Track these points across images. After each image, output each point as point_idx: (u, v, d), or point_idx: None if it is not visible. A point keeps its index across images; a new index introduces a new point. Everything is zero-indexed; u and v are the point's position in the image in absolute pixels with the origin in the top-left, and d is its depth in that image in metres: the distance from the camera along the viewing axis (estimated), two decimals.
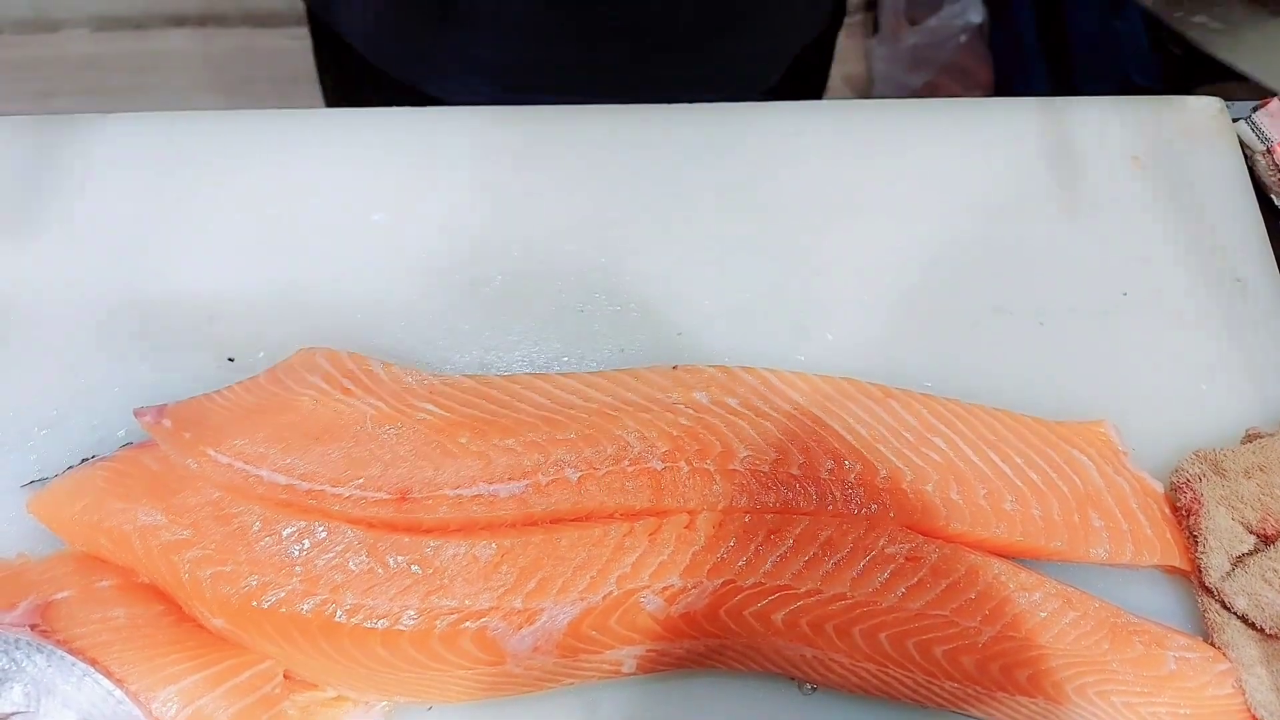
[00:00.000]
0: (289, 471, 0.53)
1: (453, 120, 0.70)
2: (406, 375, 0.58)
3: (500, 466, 0.54)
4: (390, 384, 0.57)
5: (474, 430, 0.55)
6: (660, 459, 0.55)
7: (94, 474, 0.55)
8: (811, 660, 0.53)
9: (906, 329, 0.64)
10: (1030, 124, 0.71)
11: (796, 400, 0.58)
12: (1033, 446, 0.59)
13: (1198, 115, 0.72)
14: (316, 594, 0.51)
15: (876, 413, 0.58)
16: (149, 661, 0.50)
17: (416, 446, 0.55)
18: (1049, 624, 0.54)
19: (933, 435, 0.58)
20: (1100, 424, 0.61)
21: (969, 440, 0.58)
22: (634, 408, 0.57)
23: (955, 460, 0.57)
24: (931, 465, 0.57)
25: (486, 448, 0.55)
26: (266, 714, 0.51)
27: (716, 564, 0.53)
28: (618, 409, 0.57)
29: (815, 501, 0.55)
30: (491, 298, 0.64)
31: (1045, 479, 0.58)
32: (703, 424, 0.56)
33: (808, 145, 0.70)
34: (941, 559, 0.54)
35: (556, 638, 0.51)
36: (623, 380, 0.59)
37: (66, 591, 0.52)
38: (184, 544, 0.52)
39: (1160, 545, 0.57)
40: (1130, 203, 0.68)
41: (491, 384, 0.58)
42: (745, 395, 0.58)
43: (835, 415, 0.58)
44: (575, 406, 0.57)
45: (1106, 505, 0.58)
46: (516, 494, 0.54)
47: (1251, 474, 0.56)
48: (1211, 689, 0.54)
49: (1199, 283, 0.65)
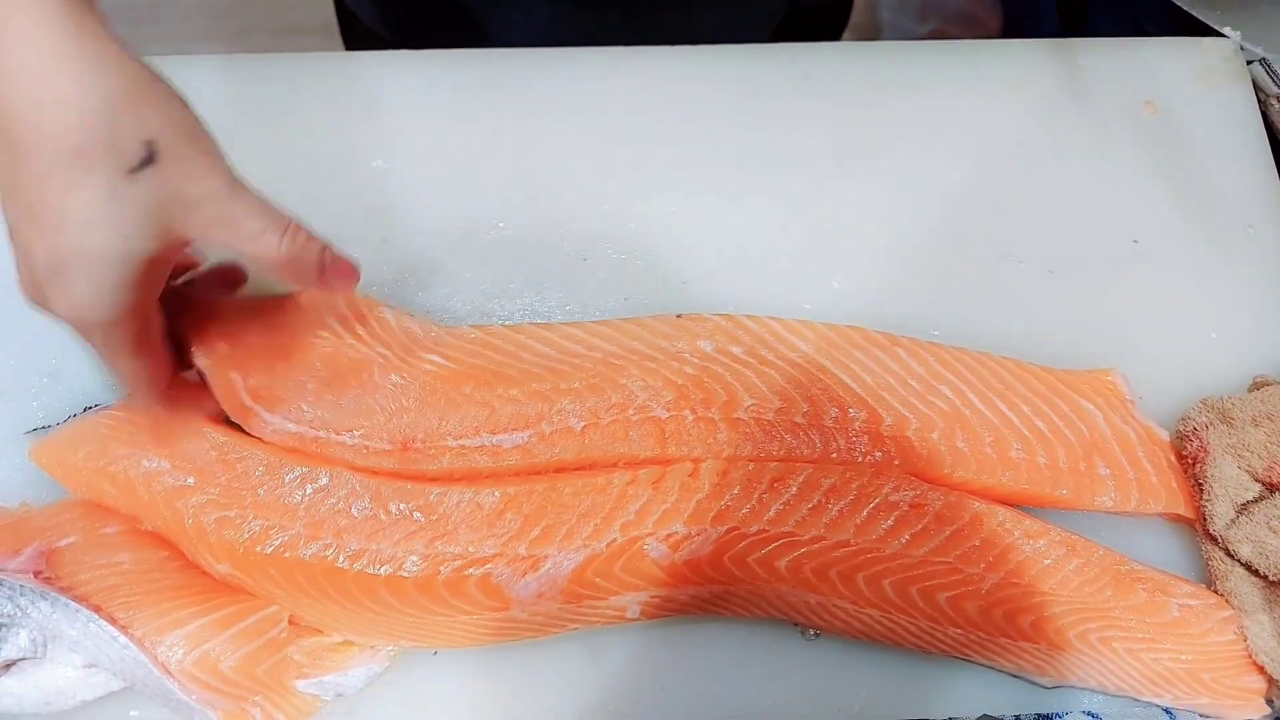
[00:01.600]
0: (299, 419, 0.53)
1: (454, 65, 0.69)
2: (414, 324, 0.58)
3: (504, 416, 0.54)
4: (398, 333, 0.57)
5: (478, 380, 0.55)
6: (665, 408, 0.55)
7: (97, 421, 0.55)
8: (815, 606, 0.53)
9: (914, 277, 0.64)
10: (1042, 67, 0.70)
11: (802, 349, 0.58)
12: (1040, 395, 0.59)
13: (1212, 58, 0.70)
14: (320, 539, 0.51)
15: (883, 360, 0.58)
16: (154, 607, 0.51)
17: (421, 396, 0.54)
18: (1052, 571, 0.54)
19: (939, 384, 0.58)
20: (1108, 372, 0.60)
21: (975, 388, 0.58)
22: (638, 356, 0.57)
23: (961, 408, 0.57)
24: (937, 413, 0.57)
25: (491, 397, 0.55)
26: (272, 658, 0.51)
27: (721, 511, 0.53)
28: (622, 358, 0.57)
29: (819, 450, 0.55)
30: (493, 245, 0.63)
31: (1052, 427, 0.58)
32: (708, 373, 0.56)
33: (816, 89, 0.68)
34: (946, 506, 0.54)
35: (561, 584, 0.51)
36: (627, 329, 0.58)
37: (71, 538, 0.52)
38: (188, 490, 0.52)
39: (1165, 493, 0.57)
40: (1142, 148, 0.67)
41: (496, 334, 0.58)
42: (750, 344, 0.58)
43: (841, 364, 0.58)
44: (579, 356, 0.57)
45: (1113, 453, 0.58)
46: (520, 444, 0.54)
47: (1259, 422, 0.56)
48: (1213, 635, 0.54)
49: (1210, 230, 0.64)
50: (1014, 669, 0.54)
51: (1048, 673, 0.54)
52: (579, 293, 0.62)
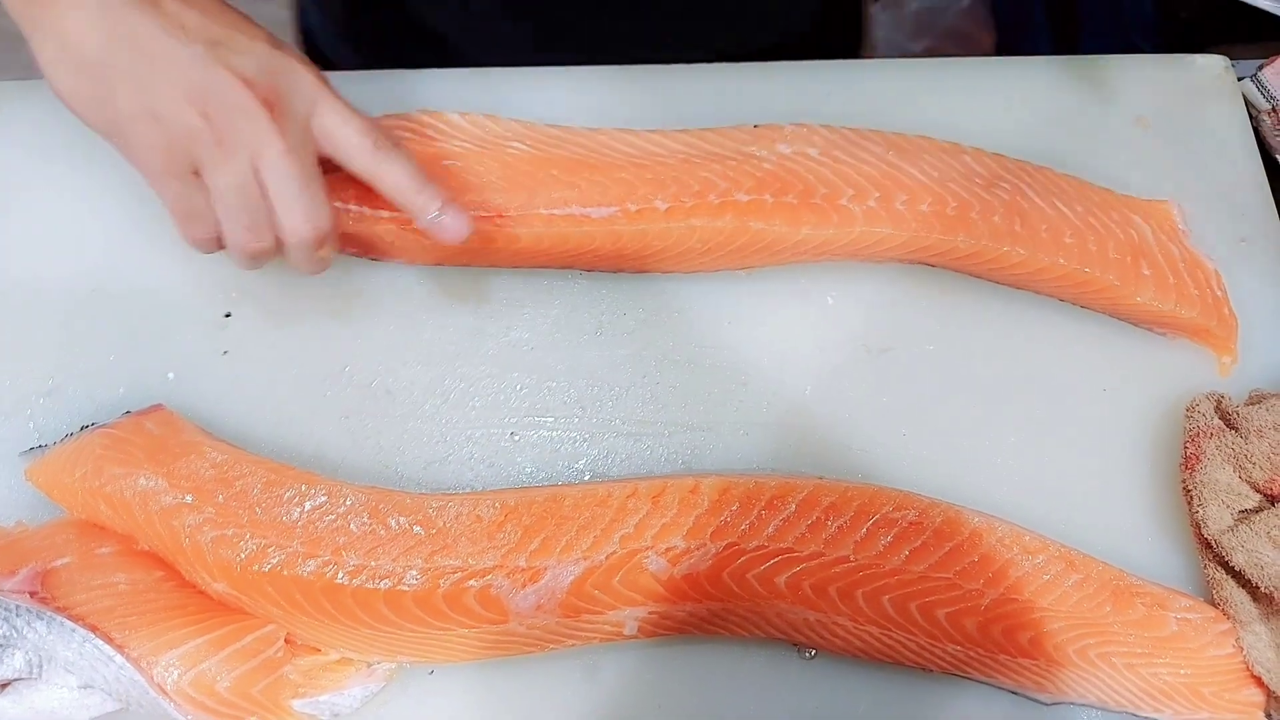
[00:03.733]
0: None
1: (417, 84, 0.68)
2: (488, 120, 0.61)
3: (591, 193, 0.57)
4: (473, 129, 0.60)
5: (563, 166, 0.58)
6: (746, 193, 0.58)
7: (93, 440, 0.54)
8: (814, 624, 0.53)
9: (893, 298, 0.64)
10: (1036, 84, 0.70)
11: (875, 150, 0.62)
12: (1094, 203, 0.63)
13: (1203, 75, 0.71)
14: (318, 555, 0.51)
15: (948, 161, 0.63)
16: (150, 627, 0.50)
17: (509, 176, 0.57)
18: (1051, 587, 0.54)
19: (1000, 181, 0.62)
20: (1165, 202, 0.64)
21: (1034, 188, 0.63)
22: (718, 157, 0.60)
23: (1019, 200, 0.62)
24: (999, 203, 0.61)
25: (577, 179, 0.57)
26: (268, 678, 0.51)
27: (719, 527, 0.53)
28: (702, 158, 0.60)
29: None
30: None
31: (1103, 225, 0.62)
32: (784, 168, 0.59)
33: (808, 106, 0.69)
34: (944, 522, 0.54)
35: (560, 596, 0.51)
36: (706, 136, 0.63)
37: (66, 558, 0.52)
38: (185, 508, 0.52)
39: (1201, 305, 0.61)
40: (1136, 163, 0.68)
41: (576, 132, 0.61)
42: (826, 146, 0.62)
43: (912, 161, 0.62)
44: (660, 155, 0.60)
45: (1156, 260, 0.62)
46: (606, 216, 0.57)
47: (1264, 433, 0.56)
48: (1212, 649, 0.54)
49: (1203, 242, 0.65)
50: (1013, 686, 0.54)
51: (1047, 689, 0.54)
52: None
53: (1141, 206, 0.64)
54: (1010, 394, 0.61)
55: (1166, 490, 0.59)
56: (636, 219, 0.58)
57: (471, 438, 0.59)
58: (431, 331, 0.61)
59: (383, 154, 0.52)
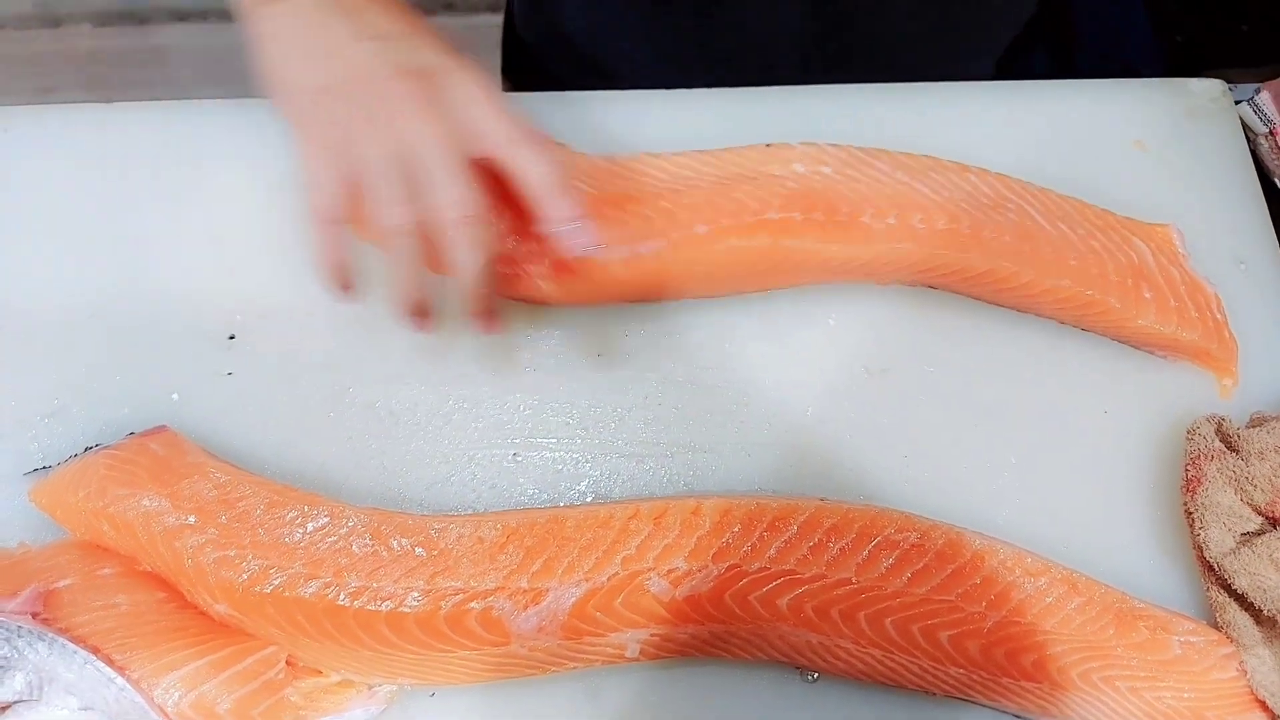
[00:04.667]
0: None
1: None
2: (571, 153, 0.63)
3: (639, 228, 0.60)
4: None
5: (614, 203, 0.61)
6: (776, 210, 0.61)
7: (96, 461, 0.55)
8: (816, 646, 0.53)
9: (897, 317, 0.64)
10: (1032, 107, 0.71)
11: (881, 168, 0.64)
12: (1095, 225, 0.64)
13: (1200, 98, 0.71)
14: (320, 577, 0.51)
15: (955, 180, 0.64)
16: (151, 649, 0.50)
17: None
18: (1054, 609, 0.53)
19: (1005, 203, 0.64)
20: (1165, 225, 0.65)
21: (1038, 210, 0.64)
22: (743, 177, 0.63)
23: (1024, 222, 0.63)
24: (1006, 224, 0.62)
25: (625, 215, 0.60)
26: (269, 700, 0.51)
27: (721, 548, 0.53)
28: (729, 179, 0.63)
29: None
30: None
31: (1105, 247, 0.63)
32: (806, 186, 0.62)
33: (808, 128, 0.69)
34: (947, 544, 0.54)
35: (561, 618, 0.51)
36: (726, 157, 0.64)
37: (68, 579, 0.52)
38: (187, 529, 0.52)
39: (1203, 328, 0.61)
40: (1133, 187, 0.68)
41: (619, 163, 0.64)
42: (838, 165, 0.64)
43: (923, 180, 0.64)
44: (692, 179, 0.63)
45: (1157, 283, 0.63)
46: (654, 251, 0.60)
47: (1265, 455, 0.56)
48: (1215, 673, 0.54)
49: (1202, 267, 0.65)
50: (1016, 709, 0.54)
51: (1050, 713, 0.53)
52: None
53: (1142, 229, 0.65)
54: (1012, 416, 0.61)
55: (1168, 512, 0.59)
56: (680, 246, 0.60)
57: (474, 459, 0.59)
58: (435, 353, 0.62)
59: (533, 151, 0.54)
